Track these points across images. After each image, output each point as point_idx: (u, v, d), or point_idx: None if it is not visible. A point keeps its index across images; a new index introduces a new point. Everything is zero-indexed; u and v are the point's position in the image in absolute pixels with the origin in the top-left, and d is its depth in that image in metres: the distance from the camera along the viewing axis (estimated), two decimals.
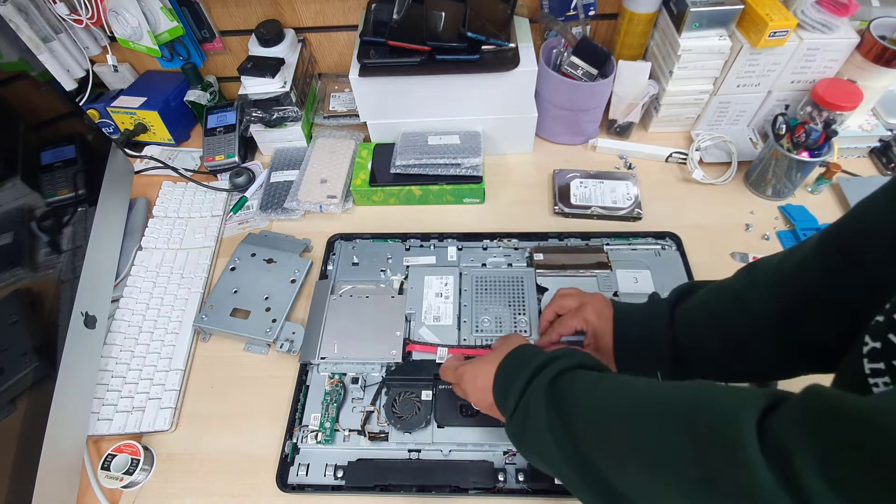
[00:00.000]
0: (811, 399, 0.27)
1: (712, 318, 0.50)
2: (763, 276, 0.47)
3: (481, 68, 0.74)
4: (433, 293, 0.70)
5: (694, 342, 0.51)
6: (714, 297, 0.51)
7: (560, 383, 0.43)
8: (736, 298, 0.48)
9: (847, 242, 0.40)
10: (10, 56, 0.64)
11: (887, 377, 0.28)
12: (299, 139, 0.90)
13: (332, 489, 0.57)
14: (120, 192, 0.78)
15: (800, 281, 0.43)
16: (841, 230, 0.41)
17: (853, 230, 0.40)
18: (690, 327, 0.52)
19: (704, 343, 0.50)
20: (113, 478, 0.57)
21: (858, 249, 0.38)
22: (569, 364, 0.45)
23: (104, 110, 0.90)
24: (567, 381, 0.43)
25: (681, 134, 0.90)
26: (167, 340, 0.69)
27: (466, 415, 0.60)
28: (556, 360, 0.45)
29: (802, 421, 0.26)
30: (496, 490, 0.56)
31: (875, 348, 0.30)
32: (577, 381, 0.43)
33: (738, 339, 0.48)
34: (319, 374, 0.65)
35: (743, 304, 0.47)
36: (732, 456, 0.27)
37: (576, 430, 0.40)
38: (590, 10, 0.83)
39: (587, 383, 0.42)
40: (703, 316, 0.51)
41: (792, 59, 0.76)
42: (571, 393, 0.42)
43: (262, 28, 0.85)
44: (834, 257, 0.41)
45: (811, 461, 0.25)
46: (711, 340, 0.50)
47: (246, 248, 0.76)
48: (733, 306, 0.48)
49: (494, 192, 0.84)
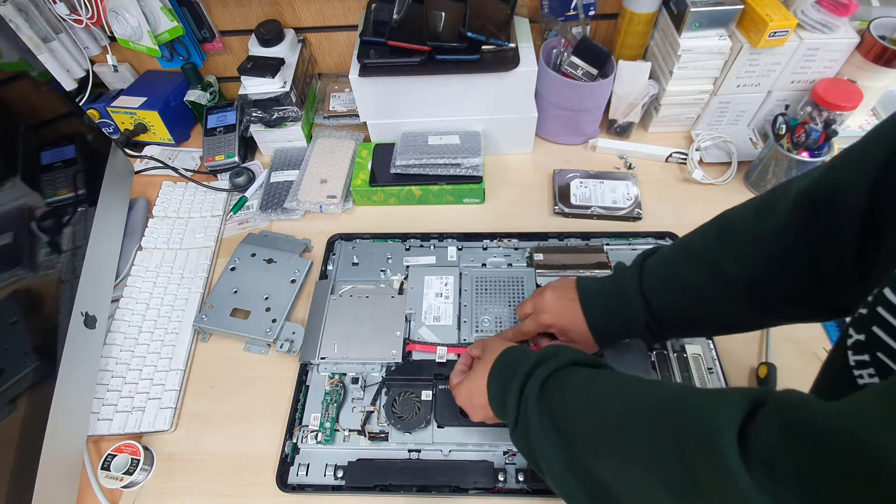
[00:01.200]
0: (787, 408, 0.27)
1: (688, 288, 0.49)
2: (737, 240, 0.46)
3: (481, 68, 0.74)
4: (433, 293, 0.70)
5: (671, 314, 0.51)
6: (686, 263, 0.50)
7: (551, 387, 0.43)
8: (710, 265, 0.47)
9: (821, 203, 0.39)
10: (10, 56, 0.64)
11: (871, 369, 0.29)
12: (299, 139, 0.90)
13: (332, 489, 0.57)
14: (120, 192, 0.78)
15: (775, 245, 0.43)
16: (814, 189, 0.40)
17: (827, 187, 0.39)
18: (667, 299, 0.51)
19: (682, 312, 0.50)
20: (113, 478, 0.57)
21: (833, 209, 0.38)
22: (559, 363, 0.44)
23: (104, 110, 0.90)
24: (557, 385, 0.43)
25: (681, 134, 0.90)
26: (167, 340, 0.69)
27: (466, 415, 0.60)
28: (545, 363, 0.45)
29: (779, 429, 0.26)
30: (496, 490, 0.56)
31: (859, 340, 0.30)
32: (568, 384, 0.42)
33: (716, 303, 0.48)
34: (319, 374, 0.65)
35: (719, 270, 0.46)
36: (715, 463, 0.28)
37: (570, 434, 0.40)
38: (590, 10, 0.83)
39: (578, 385, 0.42)
40: (677, 285, 0.50)
41: (792, 59, 0.76)
42: (562, 397, 0.42)
43: (262, 28, 0.85)
44: (809, 218, 0.40)
45: (789, 471, 0.25)
46: (689, 308, 0.50)
47: (246, 248, 0.76)
48: (709, 274, 0.47)
49: (494, 192, 0.84)
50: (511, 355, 0.49)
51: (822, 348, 0.65)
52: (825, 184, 0.39)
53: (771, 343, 0.65)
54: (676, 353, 0.64)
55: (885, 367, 0.28)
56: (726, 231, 0.48)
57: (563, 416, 0.41)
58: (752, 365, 0.64)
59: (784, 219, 0.42)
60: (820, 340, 0.65)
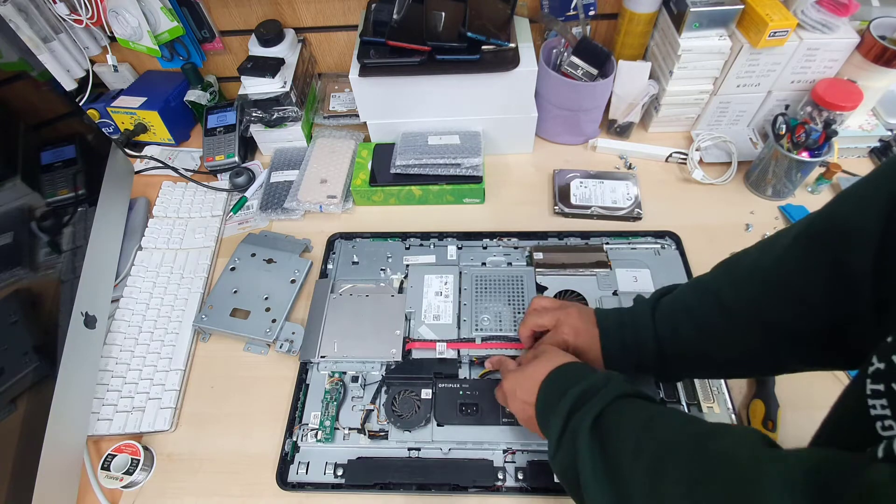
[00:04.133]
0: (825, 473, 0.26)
1: (693, 321, 0.49)
2: (739, 270, 0.46)
3: (481, 68, 0.74)
4: (433, 292, 0.70)
5: (678, 346, 0.50)
6: (693, 297, 0.50)
7: (606, 423, 0.41)
8: (715, 297, 0.47)
9: (822, 233, 0.39)
10: (10, 56, 0.64)
11: (884, 399, 0.28)
12: (299, 139, 0.90)
13: (332, 487, 0.58)
14: (120, 192, 0.79)
15: (775, 272, 0.42)
16: (815, 220, 0.39)
17: (832, 228, 0.38)
18: (673, 330, 0.50)
19: (689, 345, 0.49)
20: (113, 478, 0.57)
21: (837, 250, 0.37)
22: (615, 393, 0.43)
23: (104, 110, 0.90)
24: (613, 422, 0.41)
25: (681, 134, 0.91)
26: (167, 340, 0.69)
27: (466, 413, 0.60)
28: (598, 393, 0.43)
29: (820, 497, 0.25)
30: (495, 488, 0.56)
31: (879, 369, 0.29)
32: (624, 423, 0.40)
33: (724, 338, 0.47)
34: (319, 372, 0.65)
35: (721, 302, 0.46)
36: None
37: (626, 490, 0.37)
38: (590, 10, 0.83)
39: (635, 425, 0.39)
40: (684, 318, 0.50)
41: (792, 59, 0.76)
42: (618, 441, 0.39)
43: (262, 28, 0.85)
44: (809, 250, 0.40)
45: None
46: (695, 342, 0.49)
47: (246, 248, 0.77)
48: (712, 305, 0.47)
49: (494, 192, 0.84)
50: (570, 371, 0.48)
51: None
52: (826, 214, 0.39)
53: None
54: None
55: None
56: (731, 262, 0.48)
57: (619, 465, 0.38)
58: None
59: (783, 250, 0.42)
60: None
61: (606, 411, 0.42)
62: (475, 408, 0.60)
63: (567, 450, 0.42)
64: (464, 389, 0.61)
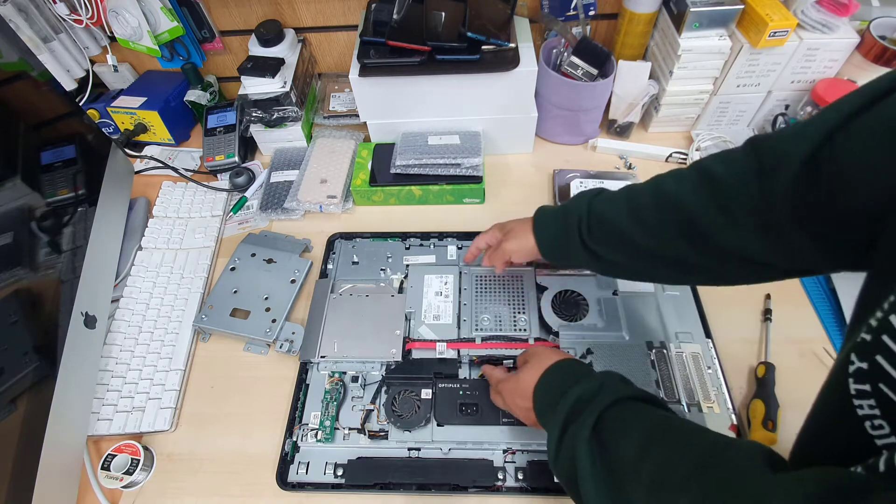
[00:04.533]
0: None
1: (630, 203, 0.50)
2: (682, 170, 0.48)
3: (481, 68, 0.74)
4: (433, 292, 0.70)
5: (604, 226, 0.52)
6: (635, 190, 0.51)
7: (603, 436, 0.40)
8: (653, 186, 0.49)
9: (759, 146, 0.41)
10: (10, 56, 0.64)
11: (872, 400, 0.27)
12: (299, 139, 0.90)
13: (332, 487, 0.58)
14: (120, 192, 0.79)
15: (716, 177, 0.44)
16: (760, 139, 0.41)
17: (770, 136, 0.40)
18: (607, 210, 0.52)
19: (615, 225, 0.51)
20: (113, 478, 0.57)
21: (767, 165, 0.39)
22: (616, 397, 0.42)
23: (104, 110, 0.90)
24: (610, 437, 0.40)
25: (681, 134, 0.91)
26: (167, 340, 0.69)
27: (466, 413, 0.60)
28: (593, 401, 0.43)
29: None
30: (496, 488, 0.56)
31: (861, 369, 0.28)
32: (621, 440, 0.39)
33: (648, 223, 0.48)
34: (319, 372, 0.65)
35: (659, 187, 0.48)
36: None
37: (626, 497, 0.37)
38: (590, 10, 0.83)
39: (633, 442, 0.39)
40: (621, 204, 0.51)
41: (792, 59, 0.76)
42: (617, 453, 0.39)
43: (262, 28, 0.85)
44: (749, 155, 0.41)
45: None
46: (625, 222, 0.50)
47: (246, 248, 0.77)
48: (651, 194, 0.49)
49: (494, 192, 0.84)
50: (566, 368, 0.49)
51: (822, 348, 0.65)
52: (771, 134, 0.41)
53: (770, 343, 0.65)
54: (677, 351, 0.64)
55: (887, 400, 0.26)
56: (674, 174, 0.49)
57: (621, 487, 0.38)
58: (751, 364, 0.64)
59: (728, 152, 0.44)
60: (820, 341, 0.66)
61: (602, 424, 0.41)
62: (475, 408, 0.60)
63: (565, 461, 0.42)
64: (464, 389, 0.61)
